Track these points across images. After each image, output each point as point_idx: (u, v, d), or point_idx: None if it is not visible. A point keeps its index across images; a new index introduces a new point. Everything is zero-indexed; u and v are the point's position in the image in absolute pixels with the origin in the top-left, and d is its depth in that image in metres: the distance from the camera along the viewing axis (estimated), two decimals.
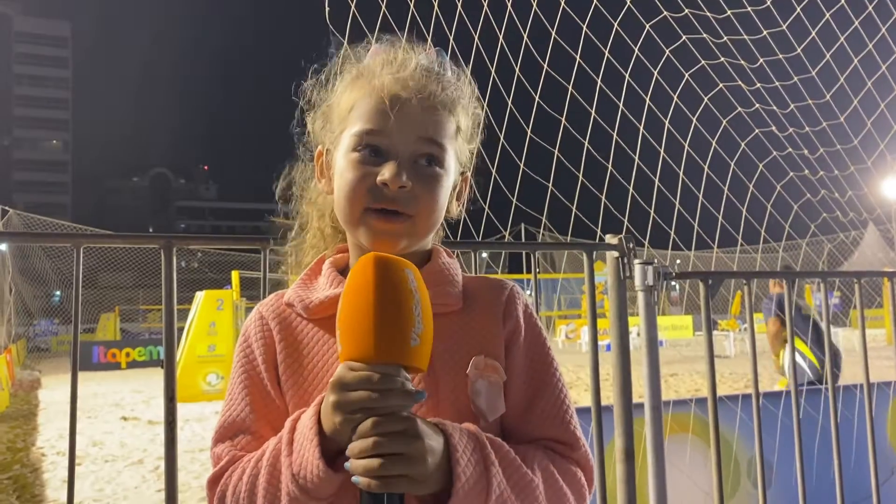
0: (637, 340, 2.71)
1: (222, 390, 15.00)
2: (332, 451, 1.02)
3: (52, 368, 24.67)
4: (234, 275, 17.95)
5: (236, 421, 1.18)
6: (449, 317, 1.19)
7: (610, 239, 2.60)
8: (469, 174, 1.34)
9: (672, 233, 3.17)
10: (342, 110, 1.23)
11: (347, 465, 0.98)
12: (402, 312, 0.98)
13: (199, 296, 16.57)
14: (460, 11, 2.59)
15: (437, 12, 2.43)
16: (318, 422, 1.03)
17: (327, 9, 1.88)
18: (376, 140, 1.16)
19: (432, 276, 1.20)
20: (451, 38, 2.46)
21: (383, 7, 2.17)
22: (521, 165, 2.79)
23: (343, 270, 1.26)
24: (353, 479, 0.96)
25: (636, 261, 2.57)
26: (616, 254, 2.58)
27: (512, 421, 1.19)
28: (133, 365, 24.93)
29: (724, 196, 3.32)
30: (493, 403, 1.15)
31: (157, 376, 20.40)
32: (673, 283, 2.65)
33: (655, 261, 2.58)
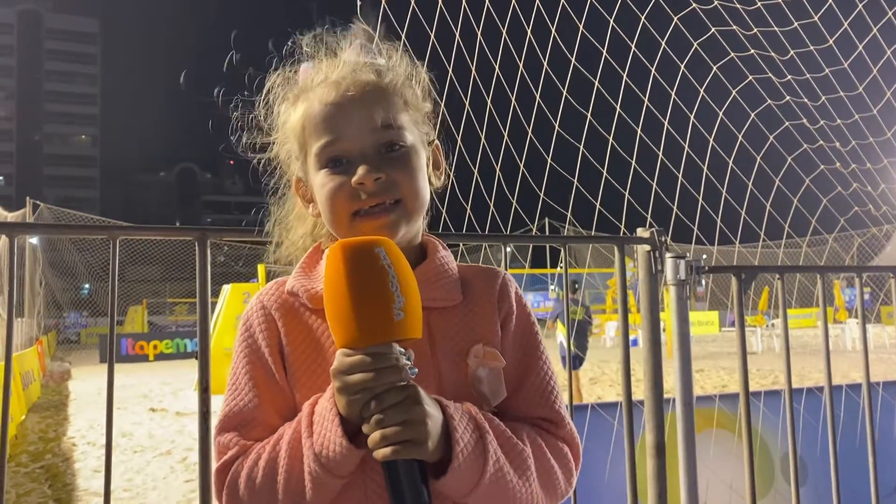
0: (663, 335, 2.69)
1: None
2: (350, 431, 1.07)
3: (81, 360, 25.08)
4: (261, 268, 18.05)
5: (243, 410, 1.20)
6: (450, 310, 1.24)
7: (641, 232, 2.57)
8: (438, 141, 1.36)
9: (695, 228, 3.15)
10: (297, 135, 1.27)
11: None
12: (378, 293, 1.03)
13: (226, 289, 16.73)
14: (488, 7, 2.59)
15: (465, 7, 2.43)
16: (335, 404, 1.08)
17: (359, 3, 1.90)
18: (336, 150, 1.20)
19: (431, 274, 1.25)
20: (479, 34, 2.46)
21: (412, 3, 2.18)
22: (549, 160, 2.78)
23: None
24: (374, 453, 1.03)
25: (668, 254, 2.55)
26: (647, 247, 2.55)
27: (503, 401, 1.23)
28: (160, 357, 25.27)
29: (749, 190, 3.29)
30: (495, 389, 1.21)
31: (184, 368, 20.65)
32: (699, 278, 2.63)
33: (687, 254, 2.56)
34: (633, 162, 2.93)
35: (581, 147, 2.86)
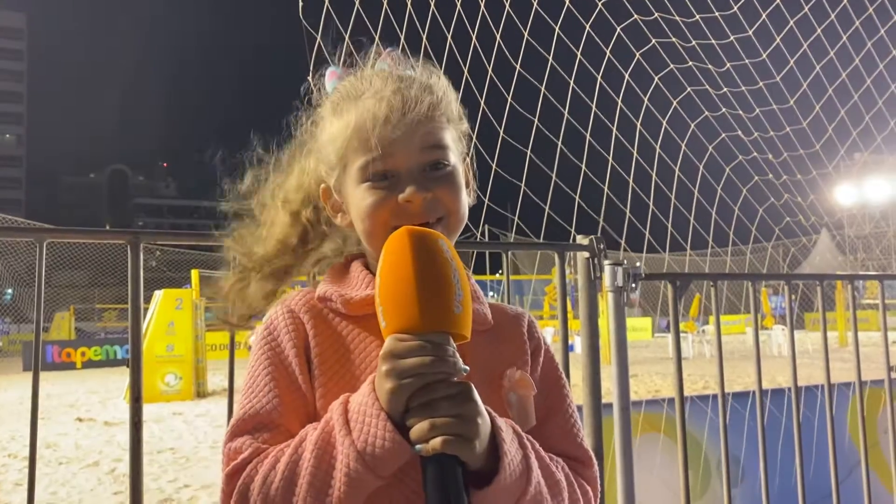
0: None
1: (181, 391, 14.74)
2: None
3: (3, 368, 24.00)
4: (195, 273, 17.66)
5: (260, 413, 1.14)
6: (481, 335, 1.22)
7: (581, 239, 2.61)
8: (468, 159, 1.35)
9: (647, 234, 3.21)
10: (336, 146, 1.24)
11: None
12: (442, 280, 1.02)
13: (158, 294, 16.28)
14: (433, 12, 2.58)
15: (409, 11, 2.41)
16: (377, 398, 1.03)
17: (301, 3, 1.86)
18: (382, 167, 1.18)
19: None
20: (424, 37, 2.44)
21: (357, 4, 2.15)
22: (494, 166, 2.79)
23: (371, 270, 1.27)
24: (416, 447, 0.98)
25: (606, 262, 2.59)
26: (587, 254, 2.59)
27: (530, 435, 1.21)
28: (89, 365, 24.36)
29: (695, 199, 3.37)
30: (523, 416, 1.19)
31: (113, 376, 19.98)
32: (633, 284, 2.67)
33: (625, 262, 2.60)
34: (584, 167, 2.97)
35: (528, 152, 2.88)
